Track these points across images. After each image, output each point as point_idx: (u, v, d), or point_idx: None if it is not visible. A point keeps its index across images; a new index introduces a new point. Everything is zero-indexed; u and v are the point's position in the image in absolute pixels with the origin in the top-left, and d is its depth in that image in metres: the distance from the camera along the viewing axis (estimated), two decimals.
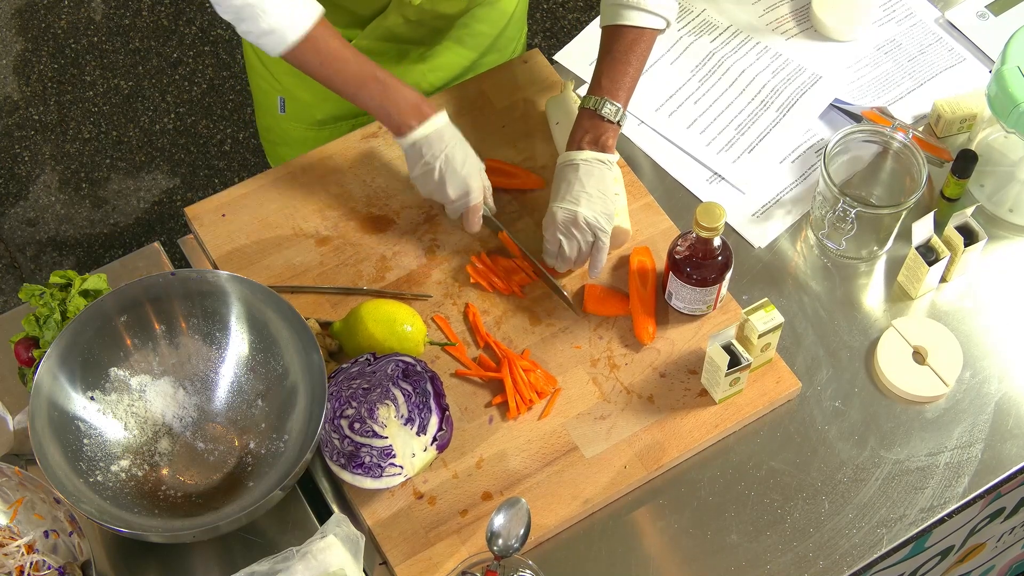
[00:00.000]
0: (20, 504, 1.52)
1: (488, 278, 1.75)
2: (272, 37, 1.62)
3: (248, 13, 1.60)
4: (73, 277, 1.65)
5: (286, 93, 1.95)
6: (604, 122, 1.70)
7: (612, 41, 1.73)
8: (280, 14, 1.60)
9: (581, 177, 1.69)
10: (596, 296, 1.73)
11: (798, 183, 1.88)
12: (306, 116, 1.97)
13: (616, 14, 1.72)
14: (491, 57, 2.01)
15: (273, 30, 1.61)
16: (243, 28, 1.62)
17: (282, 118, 2.00)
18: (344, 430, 1.57)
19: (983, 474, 1.65)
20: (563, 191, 1.69)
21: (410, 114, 1.67)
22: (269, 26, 1.60)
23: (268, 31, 1.61)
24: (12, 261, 3.07)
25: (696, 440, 1.64)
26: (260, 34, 1.62)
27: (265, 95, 2.00)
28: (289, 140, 2.03)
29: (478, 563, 1.47)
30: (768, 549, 1.59)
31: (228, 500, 1.55)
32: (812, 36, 2.02)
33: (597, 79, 1.73)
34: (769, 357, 1.68)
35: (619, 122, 1.71)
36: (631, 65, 1.72)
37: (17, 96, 3.29)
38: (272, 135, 2.07)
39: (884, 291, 1.79)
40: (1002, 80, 1.71)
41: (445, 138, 1.69)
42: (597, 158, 1.70)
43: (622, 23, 1.72)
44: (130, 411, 1.60)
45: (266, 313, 1.61)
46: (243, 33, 1.63)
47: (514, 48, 2.07)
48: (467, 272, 1.76)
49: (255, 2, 1.58)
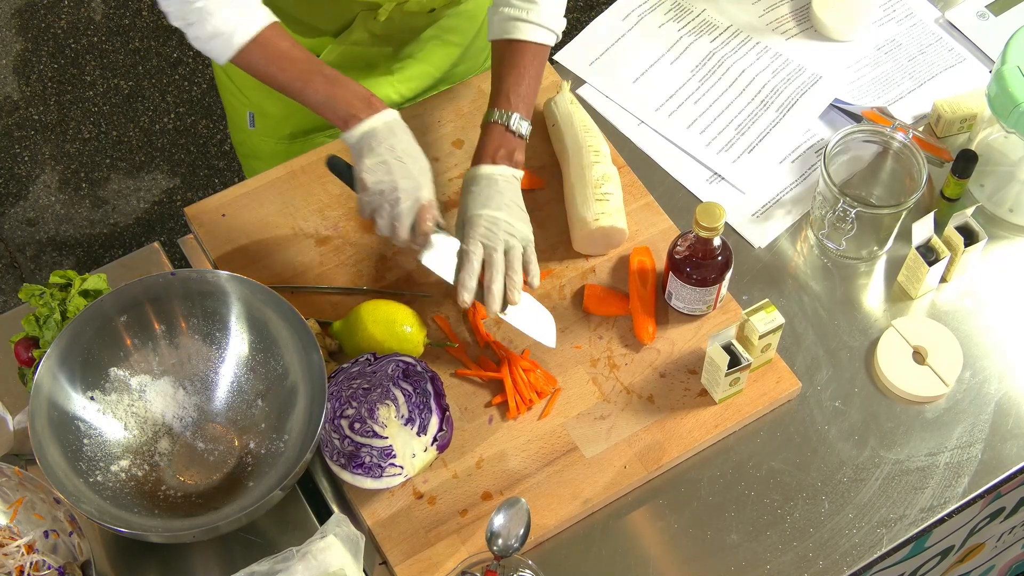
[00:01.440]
0: (20, 504, 1.52)
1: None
2: (218, 40, 1.59)
3: (196, 16, 1.57)
4: (73, 277, 1.65)
5: (255, 108, 1.94)
6: (515, 137, 1.67)
7: (512, 55, 1.70)
8: (225, 18, 1.58)
9: (502, 189, 1.63)
10: (596, 296, 1.73)
11: (798, 183, 1.88)
12: (275, 130, 1.96)
13: (512, 28, 1.69)
14: (463, 67, 2.00)
15: (220, 33, 1.58)
16: (192, 34, 1.59)
17: (252, 133, 1.99)
18: (344, 430, 1.57)
19: (983, 474, 1.65)
20: (481, 201, 1.62)
21: (359, 106, 1.60)
22: (215, 29, 1.58)
23: (214, 34, 1.59)
24: (12, 261, 3.07)
25: (696, 440, 1.64)
26: (207, 38, 1.59)
27: (235, 110, 1.99)
28: (261, 154, 2.02)
29: (478, 563, 1.47)
30: (768, 549, 1.59)
31: (228, 500, 1.55)
32: (812, 36, 2.02)
33: (503, 93, 1.68)
34: (769, 357, 1.68)
35: (526, 136, 1.68)
36: (534, 79, 1.70)
37: (17, 96, 3.29)
38: (245, 148, 2.06)
39: (884, 291, 1.79)
40: (1002, 80, 1.71)
41: (396, 132, 1.60)
42: (513, 174, 1.65)
43: (520, 38, 1.69)
44: (130, 411, 1.60)
45: (266, 313, 1.61)
46: (192, 40, 1.60)
47: (485, 57, 2.03)
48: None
49: (203, 5, 1.56)
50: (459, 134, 1.89)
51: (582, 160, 1.77)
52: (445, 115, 1.90)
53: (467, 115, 1.90)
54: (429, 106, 1.91)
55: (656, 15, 2.04)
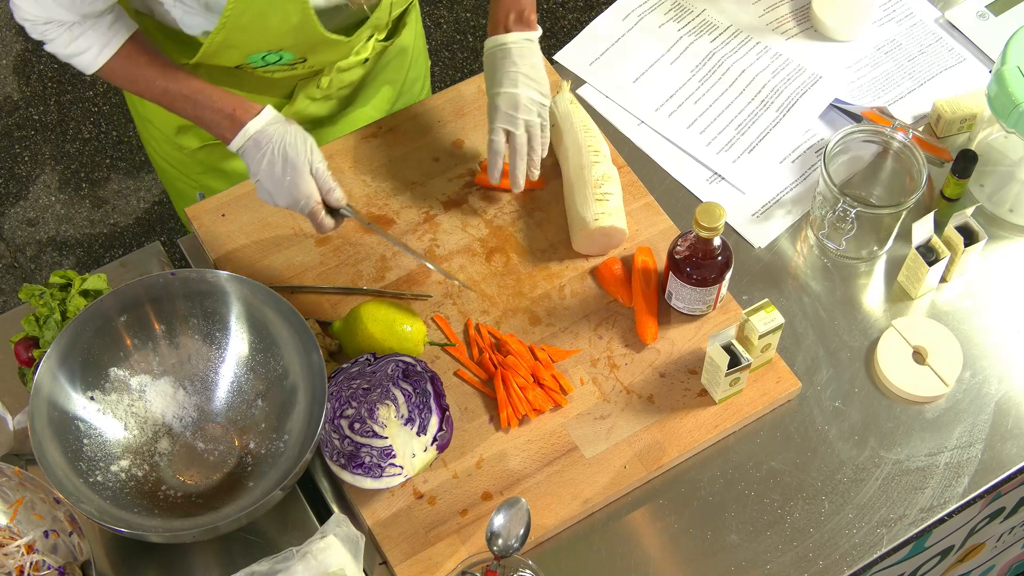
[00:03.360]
0: (20, 504, 1.52)
1: None
2: (77, 60, 1.59)
3: (52, 35, 1.57)
4: (73, 277, 1.65)
5: (204, 188, 1.95)
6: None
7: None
8: (81, 41, 1.57)
9: (515, 59, 1.69)
10: (612, 273, 1.74)
11: (798, 183, 1.88)
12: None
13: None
14: (401, 101, 2.01)
15: (76, 54, 1.58)
16: (50, 48, 1.59)
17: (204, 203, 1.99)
18: (344, 430, 1.57)
19: (983, 474, 1.65)
20: (499, 77, 1.69)
21: (223, 127, 1.60)
22: (73, 51, 1.58)
23: (72, 55, 1.58)
24: (12, 261, 3.07)
25: (696, 440, 1.64)
26: (66, 57, 1.59)
27: (180, 194, 2.00)
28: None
29: (478, 563, 1.47)
30: (768, 549, 1.59)
31: (228, 500, 1.55)
32: (812, 36, 2.02)
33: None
34: (769, 357, 1.68)
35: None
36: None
37: (17, 96, 3.29)
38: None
39: (884, 291, 1.79)
40: (1002, 80, 1.71)
41: (262, 145, 1.59)
42: (525, 38, 1.70)
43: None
44: (130, 411, 1.60)
45: (266, 313, 1.61)
46: (52, 52, 1.60)
47: (422, 84, 2.06)
48: (467, 267, 1.76)
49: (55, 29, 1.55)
50: (459, 134, 1.89)
51: (582, 160, 1.77)
52: (445, 115, 1.90)
53: (467, 115, 1.90)
54: (429, 106, 1.91)
55: (656, 15, 2.04)
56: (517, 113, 1.68)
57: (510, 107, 1.68)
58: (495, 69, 1.70)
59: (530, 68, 1.69)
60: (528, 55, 1.70)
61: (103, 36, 1.58)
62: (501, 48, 1.70)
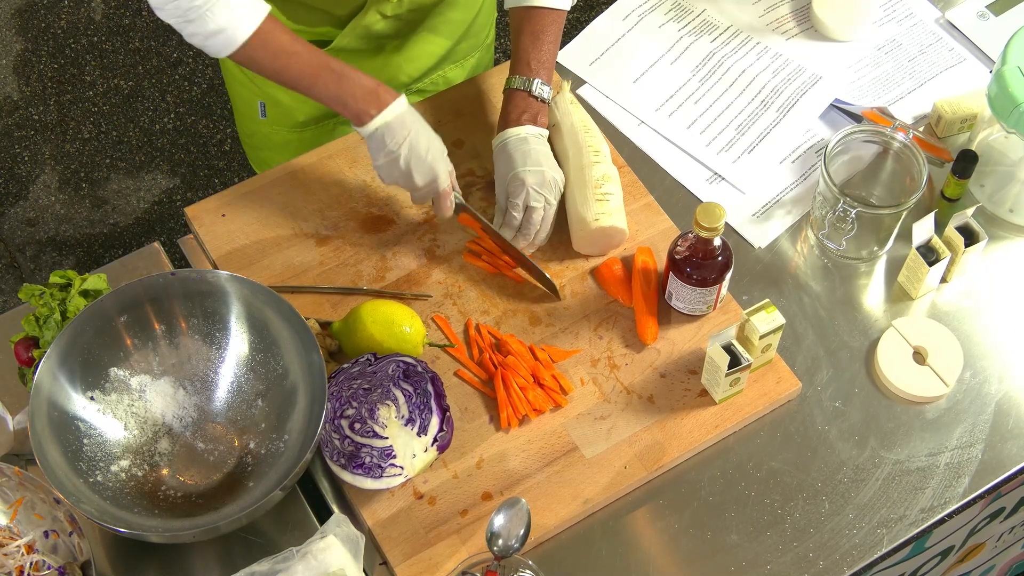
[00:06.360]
0: (20, 504, 1.52)
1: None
2: (221, 37, 1.59)
3: (195, 15, 1.57)
4: (73, 277, 1.65)
5: (266, 97, 1.94)
6: (538, 101, 1.75)
7: (530, 21, 1.78)
8: (227, 13, 1.58)
9: (533, 147, 1.72)
10: (613, 273, 1.74)
11: (798, 183, 1.88)
12: (287, 119, 1.97)
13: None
14: (465, 44, 2.02)
15: (222, 29, 1.58)
16: (189, 31, 1.59)
17: (263, 123, 1.99)
18: (344, 430, 1.57)
19: (983, 474, 1.65)
20: (520, 159, 1.71)
21: (368, 102, 1.65)
22: (217, 26, 1.58)
23: (216, 31, 1.58)
24: (12, 261, 3.07)
25: (696, 440, 1.64)
26: (208, 35, 1.59)
27: (245, 101, 1.99)
28: (271, 144, 2.02)
29: (478, 563, 1.47)
30: (768, 549, 1.59)
31: (228, 500, 1.55)
32: (812, 36, 2.02)
33: (523, 60, 1.77)
34: (770, 357, 1.68)
35: (548, 100, 1.77)
36: (553, 44, 1.78)
37: (17, 96, 3.29)
38: (254, 140, 2.06)
39: (884, 291, 1.79)
40: (1002, 80, 1.71)
41: (407, 124, 1.66)
42: (539, 133, 1.74)
43: (537, 4, 1.77)
44: (130, 411, 1.60)
45: (266, 313, 1.61)
46: (189, 36, 1.60)
47: (487, 33, 2.08)
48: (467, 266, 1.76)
49: (201, 3, 1.56)
50: (459, 134, 1.89)
51: (582, 160, 1.77)
52: (445, 115, 1.90)
53: (467, 115, 1.90)
54: (429, 106, 1.91)
55: (656, 15, 2.04)
56: (541, 190, 1.71)
57: (537, 183, 1.71)
58: (515, 149, 1.72)
59: (546, 156, 1.73)
60: (543, 146, 1.74)
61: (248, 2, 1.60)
62: (519, 137, 1.73)
